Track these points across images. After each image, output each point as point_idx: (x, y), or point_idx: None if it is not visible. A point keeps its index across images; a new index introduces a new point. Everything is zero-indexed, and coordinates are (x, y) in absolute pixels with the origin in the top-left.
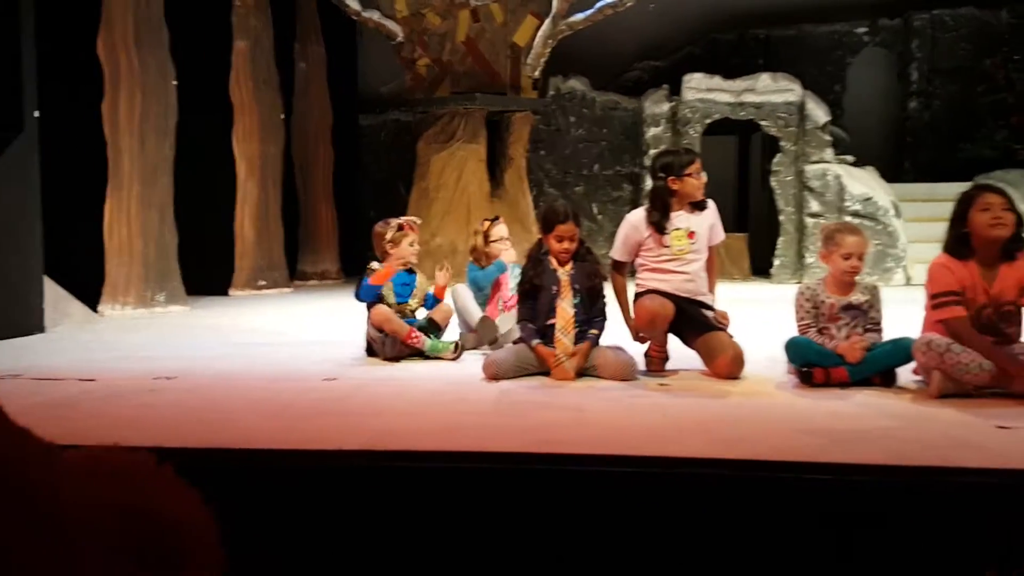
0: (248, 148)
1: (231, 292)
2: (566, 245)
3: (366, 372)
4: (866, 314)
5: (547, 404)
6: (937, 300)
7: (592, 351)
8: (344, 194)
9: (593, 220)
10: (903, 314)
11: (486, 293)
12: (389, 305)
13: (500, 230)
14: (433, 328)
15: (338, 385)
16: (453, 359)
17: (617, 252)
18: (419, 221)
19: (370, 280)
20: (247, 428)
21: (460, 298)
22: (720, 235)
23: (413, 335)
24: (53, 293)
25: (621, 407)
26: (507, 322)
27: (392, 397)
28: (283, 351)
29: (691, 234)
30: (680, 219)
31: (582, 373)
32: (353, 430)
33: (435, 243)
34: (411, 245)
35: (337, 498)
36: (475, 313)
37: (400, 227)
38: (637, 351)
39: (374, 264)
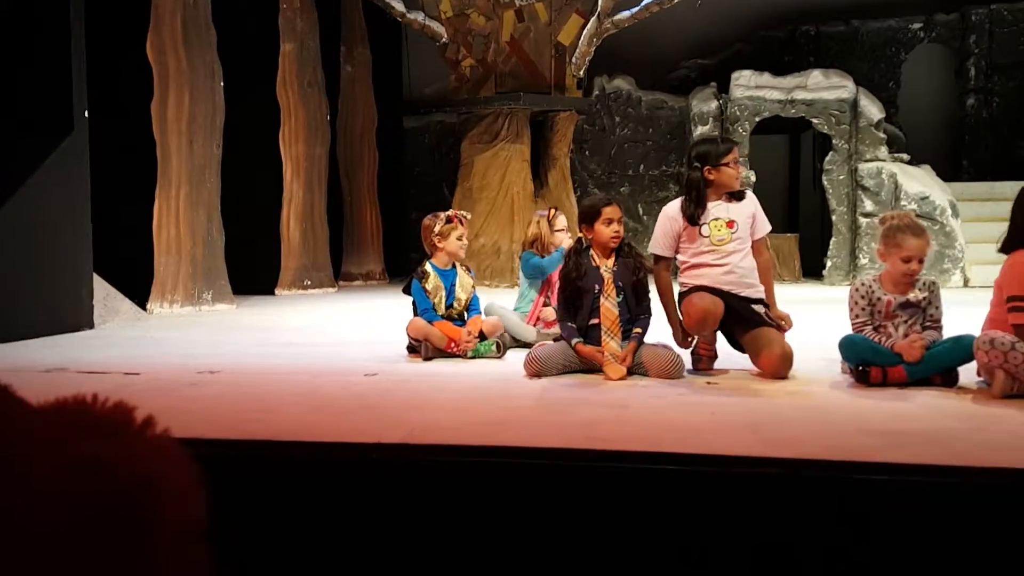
0: (294, 149)
1: (277, 292)
2: (615, 227)
3: (407, 368)
4: (924, 311)
5: (591, 401)
6: (1015, 303)
7: (638, 349)
8: (388, 196)
9: (638, 221)
10: (961, 316)
11: (537, 283)
12: (442, 314)
13: (562, 220)
14: (480, 338)
15: (379, 380)
16: (498, 358)
17: (656, 246)
18: (468, 216)
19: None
20: (287, 421)
21: (505, 319)
22: (765, 226)
23: (452, 346)
24: (103, 291)
25: (667, 405)
26: (544, 336)
27: (433, 392)
28: (326, 349)
29: (731, 223)
30: (719, 208)
31: (628, 371)
32: (393, 424)
33: (478, 243)
34: (459, 239)
35: (376, 492)
36: (516, 325)
37: (449, 219)
38: (684, 349)
39: (427, 266)
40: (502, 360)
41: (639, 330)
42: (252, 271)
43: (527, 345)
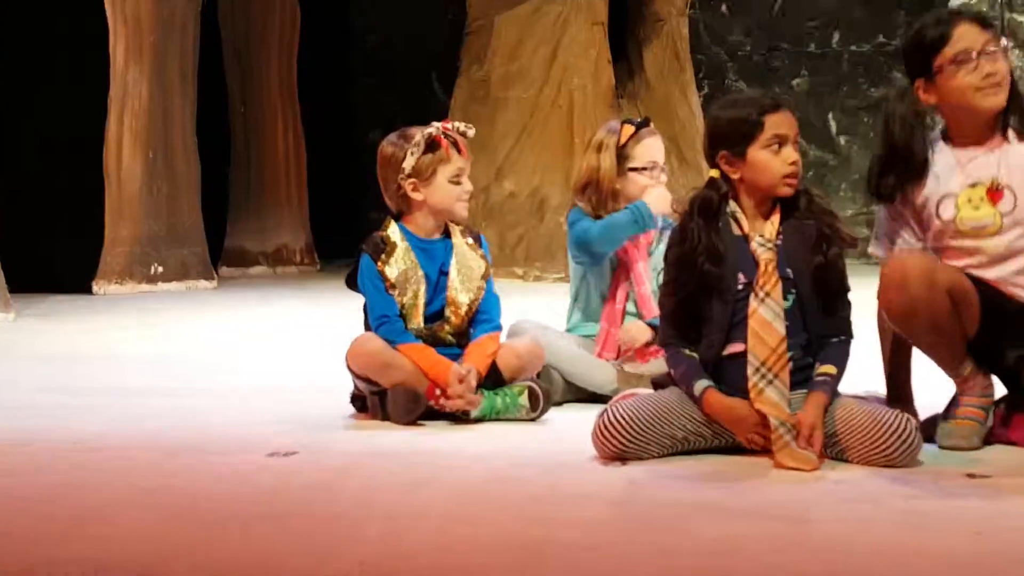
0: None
1: (96, 287)
2: (789, 154)
3: (353, 441)
4: None
5: (731, 510)
6: None
7: (830, 408)
8: (319, 98)
9: (830, 148)
10: None
11: (602, 272)
12: (409, 323)
13: (650, 146)
14: (492, 383)
15: (302, 464)
16: (531, 419)
17: (878, 243)
18: (471, 130)
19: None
20: (132, 548)
21: (551, 351)
22: None
23: (435, 396)
24: None
25: (882, 516)
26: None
27: (405, 490)
28: (190, 402)
29: (995, 192)
30: (974, 164)
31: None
32: (327, 552)
33: (503, 192)
34: (455, 181)
35: None
36: (575, 358)
37: (432, 142)
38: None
39: (392, 230)
40: (541, 424)
41: (831, 369)
42: (55, 253)
43: (598, 397)
